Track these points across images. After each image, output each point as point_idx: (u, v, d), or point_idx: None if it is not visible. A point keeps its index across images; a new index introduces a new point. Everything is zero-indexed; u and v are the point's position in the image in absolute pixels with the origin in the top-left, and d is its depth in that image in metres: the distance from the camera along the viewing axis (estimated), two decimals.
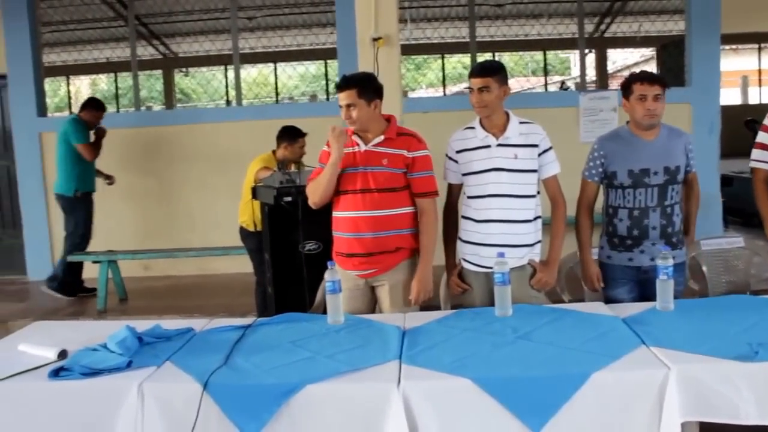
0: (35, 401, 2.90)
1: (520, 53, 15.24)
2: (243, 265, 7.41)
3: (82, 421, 2.84)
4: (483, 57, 10.86)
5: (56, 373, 2.94)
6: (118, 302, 7.20)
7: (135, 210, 8.26)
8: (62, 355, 3.15)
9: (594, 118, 7.89)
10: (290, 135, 5.88)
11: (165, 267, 8.05)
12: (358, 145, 3.84)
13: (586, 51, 13.12)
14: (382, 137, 3.81)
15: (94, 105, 7.62)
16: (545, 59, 15.67)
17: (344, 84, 3.77)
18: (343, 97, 3.75)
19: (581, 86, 9.16)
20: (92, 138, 7.46)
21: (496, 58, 14.02)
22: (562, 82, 15.00)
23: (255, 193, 5.37)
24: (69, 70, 15.33)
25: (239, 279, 7.63)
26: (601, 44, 14.30)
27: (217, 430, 2.73)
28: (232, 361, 3.00)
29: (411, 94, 15.46)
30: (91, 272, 7.45)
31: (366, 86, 3.78)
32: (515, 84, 16.53)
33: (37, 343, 3.32)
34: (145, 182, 8.35)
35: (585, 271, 4.05)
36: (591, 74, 14.54)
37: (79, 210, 7.38)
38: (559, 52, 15.81)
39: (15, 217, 8.72)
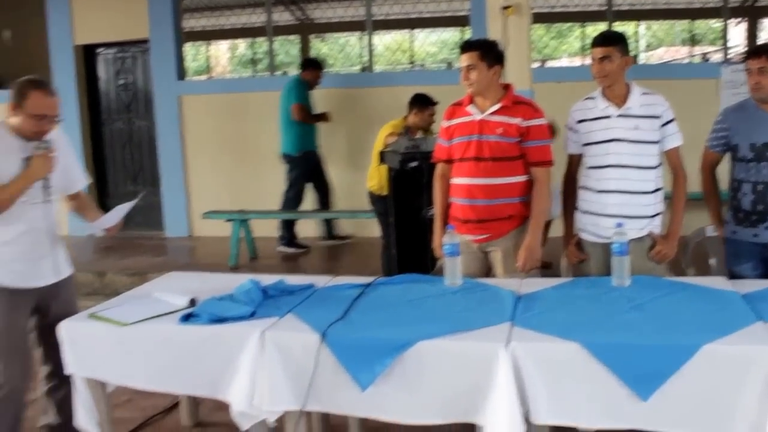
0: (167, 342, 3.13)
1: (670, 22, 14.66)
2: (371, 228, 7.59)
3: (207, 362, 3.05)
4: (623, 26, 10.58)
5: (186, 319, 3.14)
6: (249, 261, 7.49)
7: (268, 172, 8.50)
8: (192, 302, 3.35)
9: (736, 92, 7.56)
10: (421, 102, 5.95)
11: (296, 228, 8.26)
12: (473, 114, 3.85)
13: (738, 20, 12.50)
14: (498, 105, 3.80)
15: (313, 64, 7.84)
16: (692, 29, 15.04)
17: (467, 46, 3.82)
18: (465, 59, 3.78)
19: (725, 57, 8.79)
20: (315, 111, 7.73)
21: (641, 27, 13.61)
22: (704, 54, 14.35)
23: (382, 157, 5.47)
24: (208, 36, 15.83)
25: (367, 242, 7.78)
26: (752, 13, 13.56)
27: (333, 379, 2.86)
28: (350, 316, 3.11)
29: (551, 63, 15.15)
30: (223, 230, 7.82)
31: (488, 50, 3.80)
32: (657, 55, 15.93)
33: (171, 291, 3.55)
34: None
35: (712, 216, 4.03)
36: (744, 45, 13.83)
37: (297, 169, 7.66)
38: (710, 21, 15.10)
39: (154, 176, 9.17)
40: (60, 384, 3.64)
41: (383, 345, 2.80)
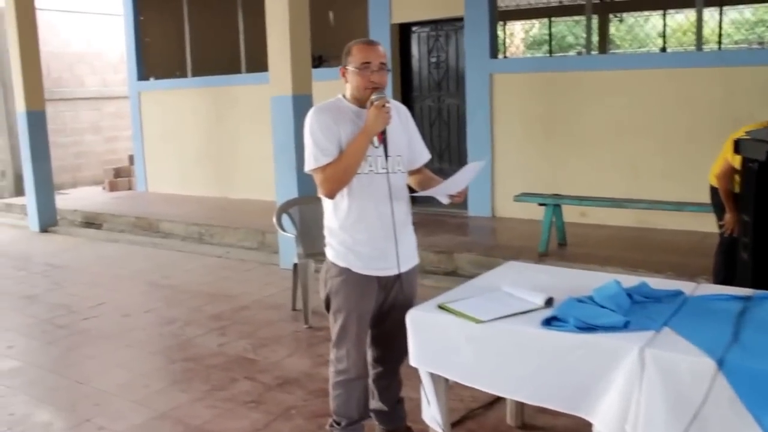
0: (526, 347, 2.85)
1: None
2: (691, 222, 7.09)
3: (572, 376, 2.73)
4: None
5: (549, 323, 2.83)
6: (557, 246, 7.15)
7: (580, 156, 8.10)
8: (548, 302, 3.06)
9: None
10: None
11: (602, 215, 7.82)
12: None
13: None
14: None
15: None
16: None
17: None
18: None
19: None
20: None
21: None
22: None
23: (739, 146, 4.81)
24: (506, 16, 15.66)
25: (684, 237, 7.25)
26: None
27: (725, 415, 2.41)
28: (742, 338, 2.62)
29: None
30: (526, 213, 7.46)
31: None
32: None
33: (517, 283, 3.29)
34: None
35: None
36: None
37: None
38: None
39: (461, 154, 9.07)
40: (385, 372, 3.55)
41: None
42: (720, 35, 15.82)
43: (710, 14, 15.14)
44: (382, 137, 3.17)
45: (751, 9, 16.28)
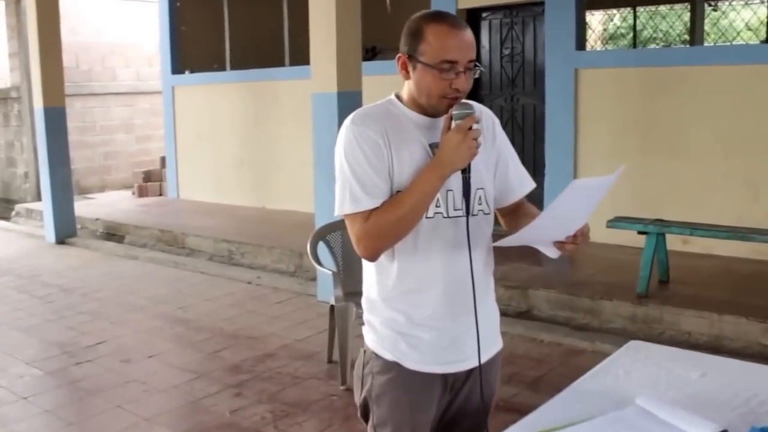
0: None
1: None
2: None
3: None
4: None
5: None
6: (658, 285, 5.81)
7: (689, 170, 6.81)
8: None
9: None
10: None
11: (708, 243, 6.40)
12: None
13: None
14: None
15: None
16: None
17: None
18: None
19: None
20: None
21: None
22: None
23: None
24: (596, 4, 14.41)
25: None
26: None
27: None
28: None
29: None
30: (615, 237, 6.29)
31: None
32: None
33: (655, 390, 2.15)
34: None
35: None
36: None
37: None
38: None
39: (536, 163, 7.81)
40: None
41: None
42: None
43: None
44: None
45: None
